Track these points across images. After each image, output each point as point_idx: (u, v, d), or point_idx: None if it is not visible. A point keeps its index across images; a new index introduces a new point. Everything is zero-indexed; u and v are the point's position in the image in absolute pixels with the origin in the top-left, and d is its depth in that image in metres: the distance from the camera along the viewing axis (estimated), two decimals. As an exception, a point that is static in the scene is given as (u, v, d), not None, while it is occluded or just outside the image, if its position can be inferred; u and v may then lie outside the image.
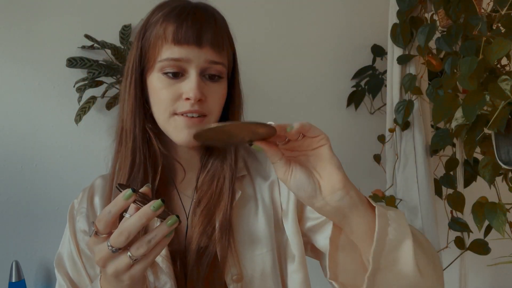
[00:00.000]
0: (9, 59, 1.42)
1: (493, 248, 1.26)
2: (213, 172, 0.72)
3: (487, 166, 1.13)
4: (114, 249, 0.50)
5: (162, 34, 0.65)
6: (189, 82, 0.65)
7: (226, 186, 0.70)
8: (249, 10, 1.57)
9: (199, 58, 0.65)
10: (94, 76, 1.35)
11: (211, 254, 0.67)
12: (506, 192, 1.23)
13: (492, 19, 1.19)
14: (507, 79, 1.01)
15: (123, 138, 0.70)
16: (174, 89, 0.66)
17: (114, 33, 1.45)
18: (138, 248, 0.50)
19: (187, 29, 0.63)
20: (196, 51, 0.64)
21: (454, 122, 1.12)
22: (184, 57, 0.64)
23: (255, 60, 1.52)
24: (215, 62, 0.66)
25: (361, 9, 1.66)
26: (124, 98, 0.70)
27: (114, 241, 0.50)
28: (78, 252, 0.71)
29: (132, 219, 0.50)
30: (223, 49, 0.66)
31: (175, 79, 0.66)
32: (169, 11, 0.66)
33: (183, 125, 0.66)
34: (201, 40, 0.64)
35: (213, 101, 0.67)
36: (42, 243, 1.46)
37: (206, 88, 0.67)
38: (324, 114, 1.67)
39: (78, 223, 0.72)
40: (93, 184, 0.77)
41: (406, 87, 1.34)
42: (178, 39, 0.64)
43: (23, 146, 1.44)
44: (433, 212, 1.38)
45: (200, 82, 0.66)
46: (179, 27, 0.64)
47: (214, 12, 0.69)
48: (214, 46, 0.65)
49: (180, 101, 0.66)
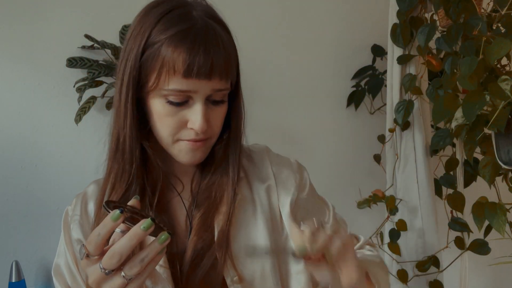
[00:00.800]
0: (9, 59, 1.42)
1: (493, 248, 1.26)
2: (213, 181, 0.72)
3: (487, 166, 1.13)
4: (107, 271, 0.50)
5: (171, 64, 0.60)
6: (195, 113, 0.63)
7: (228, 195, 0.69)
8: (249, 10, 1.57)
9: (207, 88, 0.62)
10: (94, 76, 1.35)
11: (210, 258, 0.67)
12: (506, 192, 1.23)
13: (492, 19, 1.19)
14: (507, 79, 1.01)
15: (119, 150, 0.67)
16: (179, 117, 0.64)
17: (114, 33, 1.45)
18: (131, 268, 0.50)
19: (199, 63, 0.59)
20: (205, 83, 0.61)
21: (454, 122, 1.12)
22: (192, 89, 0.61)
23: (255, 60, 1.52)
24: (220, 90, 0.64)
25: (361, 9, 1.66)
26: (119, 110, 0.67)
27: (106, 263, 0.49)
28: (75, 261, 0.70)
29: (122, 240, 0.49)
30: (228, 77, 0.64)
31: (179, 107, 0.63)
32: (179, 35, 0.60)
33: (188, 149, 0.66)
34: (211, 73, 0.61)
35: (216, 124, 0.67)
36: (42, 243, 1.46)
37: (210, 113, 0.65)
38: (324, 114, 1.67)
39: (72, 231, 0.71)
40: (87, 190, 0.75)
41: (406, 87, 1.34)
42: (189, 73, 0.59)
43: (23, 146, 1.44)
44: (433, 212, 1.38)
45: (206, 110, 0.64)
46: (192, 61, 0.59)
47: (219, 31, 0.63)
48: (222, 76, 0.62)
49: (184, 129, 0.64)
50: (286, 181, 0.76)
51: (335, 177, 1.65)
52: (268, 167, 0.77)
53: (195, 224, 0.69)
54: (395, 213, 1.39)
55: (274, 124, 1.59)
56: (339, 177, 1.67)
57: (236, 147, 0.72)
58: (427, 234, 1.37)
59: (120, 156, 0.67)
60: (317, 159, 1.65)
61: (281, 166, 0.78)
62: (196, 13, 0.64)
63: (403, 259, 1.39)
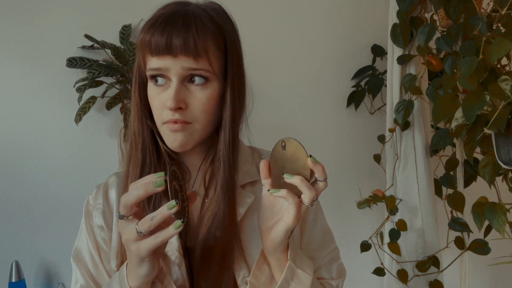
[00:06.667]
0: (9, 59, 1.42)
1: (493, 248, 1.26)
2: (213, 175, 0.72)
3: (487, 166, 1.13)
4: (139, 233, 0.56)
5: (141, 45, 0.66)
6: (169, 91, 0.65)
7: (222, 192, 0.69)
8: (249, 10, 1.58)
9: (176, 66, 0.64)
10: (94, 76, 1.35)
11: (218, 255, 0.68)
12: (506, 192, 1.23)
13: (492, 19, 1.19)
14: (507, 79, 1.01)
15: (132, 140, 0.72)
16: (161, 98, 0.66)
17: (114, 33, 1.45)
18: (143, 223, 0.55)
19: (157, 39, 0.63)
20: (171, 60, 0.64)
21: (454, 122, 1.12)
22: (161, 66, 0.65)
23: (255, 60, 1.52)
24: (193, 69, 0.65)
25: (361, 9, 1.66)
26: (132, 102, 0.72)
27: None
28: (96, 247, 0.73)
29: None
30: (200, 54, 0.64)
31: (161, 87, 0.66)
32: (148, 20, 0.67)
33: (168, 131, 0.67)
34: (171, 49, 0.63)
35: (196, 107, 0.66)
36: (42, 243, 1.46)
37: (189, 95, 0.66)
38: (324, 114, 1.67)
39: (95, 218, 0.74)
40: (108, 181, 0.78)
41: (406, 87, 1.34)
42: (151, 50, 0.64)
43: (23, 146, 1.44)
44: (433, 212, 1.38)
45: (181, 89, 0.65)
46: (151, 37, 0.64)
47: (197, 15, 0.66)
48: (187, 53, 0.63)
49: (165, 110, 0.66)
50: None
51: (335, 177, 1.65)
52: None
53: (206, 219, 0.70)
54: (395, 213, 1.39)
55: (274, 124, 1.59)
56: (339, 177, 1.67)
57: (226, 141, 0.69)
58: (427, 234, 1.37)
59: (133, 142, 0.71)
60: (317, 159, 1.65)
61: None
62: (183, 6, 0.68)
63: (403, 259, 1.39)
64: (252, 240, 0.71)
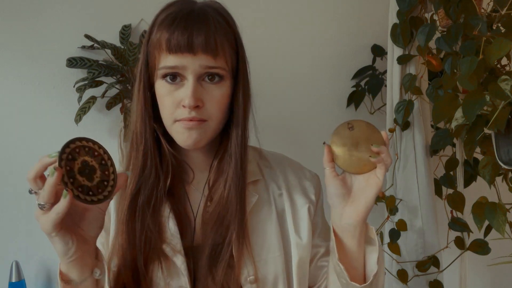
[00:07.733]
0: (9, 59, 1.42)
1: (493, 248, 1.26)
2: (221, 173, 0.73)
3: (487, 166, 1.13)
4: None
5: (157, 43, 0.66)
6: (186, 89, 0.65)
7: (234, 189, 0.70)
8: (249, 10, 1.58)
9: (194, 64, 0.65)
10: (94, 76, 1.35)
11: (227, 254, 0.68)
12: (506, 192, 1.23)
13: (492, 19, 1.19)
14: (507, 79, 1.01)
15: (134, 141, 0.72)
16: (174, 96, 0.66)
17: (114, 33, 1.45)
18: (39, 195, 0.56)
19: (178, 37, 0.64)
20: (190, 58, 0.64)
21: (454, 122, 1.12)
22: (179, 64, 0.65)
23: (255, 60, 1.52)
24: (211, 67, 0.66)
25: (361, 9, 1.66)
26: (135, 102, 0.72)
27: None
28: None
29: None
30: (218, 53, 0.66)
31: (175, 85, 0.66)
32: (164, 18, 0.66)
33: (183, 129, 0.67)
34: (192, 47, 0.64)
35: (212, 105, 0.67)
36: (42, 243, 1.46)
37: (205, 93, 0.67)
38: (324, 114, 1.66)
39: None
40: None
41: (406, 87, 1.34)
42: (170, 48, 0.64)
43: (23, 146, 1.44)
44: (433, 212, 1.38)
45: (198, 87, 0.66)
46: (171, 35, 0.64)
47: (211, 14, 0.67)
48: (207, 52, 0.64)
49: (180, 108, 0.66)
50: (303, 190, 0.79)
51: (335, 177, 1.64)
52: (286, 174, 0.80)
53: (207, 218, 0.70)
54: (395, 213, 1.38)
55: (274, 123, 1.59)
56: (339, 177, 1.67)
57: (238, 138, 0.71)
58: (427, 234, 1.37)
59: (135, 143, 0.71)
60: (317, 159, 1.65)
61: (300, 176, 0.81)
62: (193, 4, 0.68)
63: (403, 259, 1.39)
64: (255, 238, 0.71)
